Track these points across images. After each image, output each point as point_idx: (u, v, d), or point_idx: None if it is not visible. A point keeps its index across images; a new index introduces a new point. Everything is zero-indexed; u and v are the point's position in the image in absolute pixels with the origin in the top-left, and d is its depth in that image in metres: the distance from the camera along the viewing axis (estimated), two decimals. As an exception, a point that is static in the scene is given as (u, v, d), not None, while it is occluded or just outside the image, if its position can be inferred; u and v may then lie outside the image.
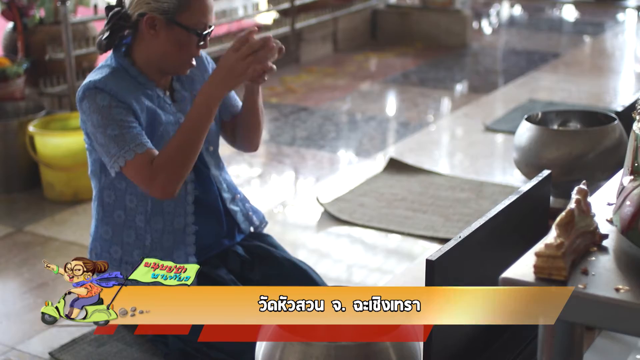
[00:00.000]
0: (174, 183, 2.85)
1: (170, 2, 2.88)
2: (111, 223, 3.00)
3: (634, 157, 2.10)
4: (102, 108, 2.85)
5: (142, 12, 2.89)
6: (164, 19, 2.89)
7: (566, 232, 1.95)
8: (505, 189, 4.84)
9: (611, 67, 8.02)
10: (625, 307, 1.86)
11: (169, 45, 2.92)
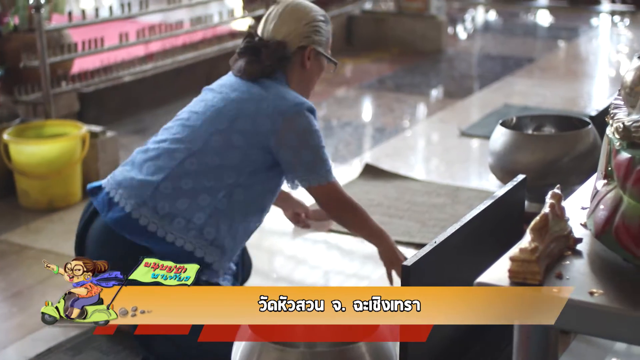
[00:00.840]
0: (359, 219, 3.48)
1: (325, 37, 3.48)
2: (227, 215, 3.28)
3: (607, 161, 2.11)
4: (316, 131, 3.34)
5: (303, 45, 3.42)
6: (321, 50, 3.47)
7: (540, 237, 1.95)
8: (480, 193, 4.85)
9: (585, 72, 8.06)
10: (600, 311, 1.87)
11: (315, 73, 3.50)
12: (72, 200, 4.88)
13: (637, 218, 1.98)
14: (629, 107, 2.08)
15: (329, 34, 3.52)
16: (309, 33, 3.44)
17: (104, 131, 5.16)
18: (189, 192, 3.26)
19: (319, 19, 3.48)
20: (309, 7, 3.50)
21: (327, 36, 3.50)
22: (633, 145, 2.01)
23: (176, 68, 6.78)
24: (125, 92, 6.46)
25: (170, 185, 3.27)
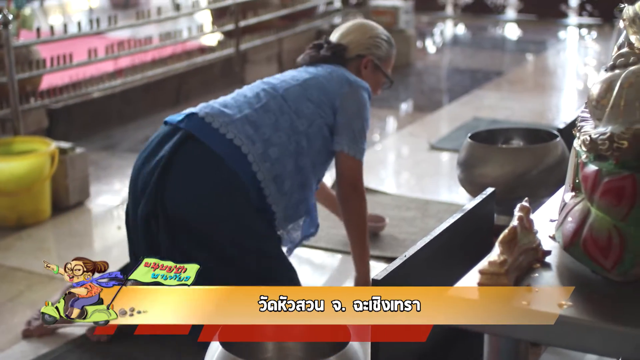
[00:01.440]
0: (357, 206, 3.78)
1: (383, 52, 3.94)
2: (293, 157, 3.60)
3: (575, 173, 2.13)
4: (368, 111, 3.79)
5: (362, 54, 3.91)
6: (379, 63, 3.92)
7: (509, 249, 1.96)
8: (450, 207, 4.87)
9: (553, 85, 8.11)
10: (569, 323, 1.88)
11: (371, 83, 3.89)
12: (42, 217, 4.85)
13: (605, 230, 1.99)
14: (596, 120, 2.10)
15: (389, 54, 3.98)
16: (370, 45, 3.93)
17: (73, 147, 5.14)
18: (270, 124, 3.58)
19: (382, 38, 3.96)
20: (376, 26, 4.00)
21: (387, 54, 3.96)
22: (600, 158, 2.03)
23: (145, 83, 6.77)
24: (95, 108, 6.44)
25: (255, 114, 3.59)
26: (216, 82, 7.49)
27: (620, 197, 1.98)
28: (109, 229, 4.80)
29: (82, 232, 4.82)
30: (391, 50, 4.00)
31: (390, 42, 4.00)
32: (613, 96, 2.03)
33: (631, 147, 1.97)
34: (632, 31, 2.17)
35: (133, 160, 5.70)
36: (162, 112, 6.88)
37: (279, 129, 3.58)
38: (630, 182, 1.97)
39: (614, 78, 2.06)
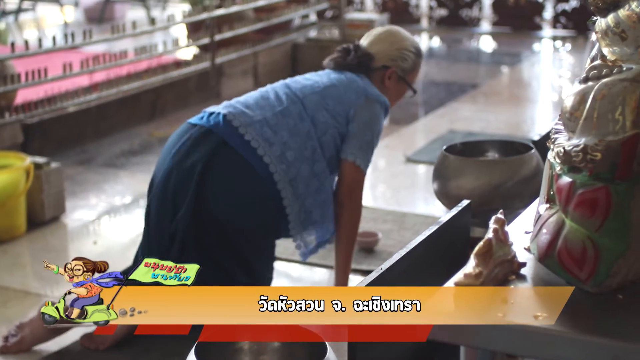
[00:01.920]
0: (353, 214, 3.89)
1: (409, 63, 4.02)
2: (308, 162, 3.74)
3: (549, 185, 2.14)
4: (381, 125, 3.95)
5: (387, 65, 3.98)
6: (400, 74, 4.00)
7: (484, 262, 1.97)
8: (427, 219, 4.88)
9: (528, 97, 8.15)
10: (545, 334, 1.88)
11: (393, 93, 4.03)
12: (17, 233, 4.83)
13: (579, 241, 2.00)
14: (569, 131, 2.11)
15: (416, 66, 4.06)
16: (396, 57, 4.00)
17: (48, 162, 5.13)
18: (289, 129, 3.72)
19: (410, 49, 4.03)
20: (405, 36, 4.07)
21: (413, 66, 4.04)
22: (574, 170, 2.04)
23: (121, 98, 6.76)
24: (70, 122, 6.42)
25: (275, 118, 3.72)
26: (192, 96, 7.48)
27: (594, 208, 1.99)
28: (85, 243, 4.78)
29: (58, 247, 4.80)
30: (418, 61, 4.09)
31: (418, 54, 4.08)
32: (586, 108, 2.05)
33: (604, 158, 1.98)
34: (604, 44, 2.18)
35: (109, 175, 5.72)
36: (137, 126, 6.87)
37: (296, 134, 3.72)
38: (603, 193, 1.98)
39: (587, 90, 2.07)
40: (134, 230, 4.85)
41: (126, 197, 5.42)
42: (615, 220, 1.99)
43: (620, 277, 2.03)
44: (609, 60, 2.13)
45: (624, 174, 1.99)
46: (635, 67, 2.06)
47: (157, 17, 10.08)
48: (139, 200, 5.37)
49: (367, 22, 8.72)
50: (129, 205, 5.32)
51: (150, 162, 6.04)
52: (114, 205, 5.29)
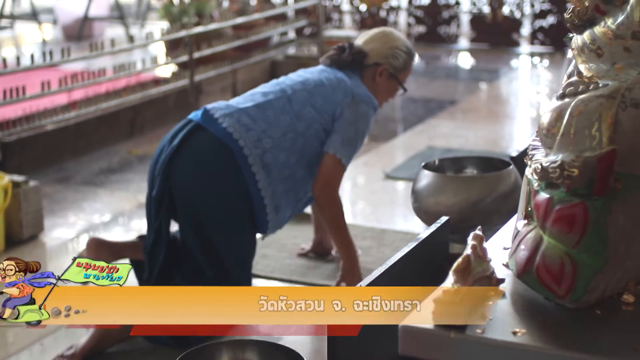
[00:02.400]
0: (329, 205, 4.09)
1: (399, 62, 4.23)
2: (287, 151, 3.98)
3: (527, 201, 2.15)
4: (367, 125, 4.10)
5: (379, 63, 4.21)
6: (390, 72, 4.21)
7: (463, 278, 1.97)
8: (406, 235, 4.88)
9: (507, 113, 8.18)
10: (523, 350, 1.89)
11: (385, 90, 4.25)
12: (-5, 251, 4.82)
13: (557, 257, 2.01)
14: (547, 148, 2.12)
15: (407, 64, 4.27)
16: (388, 55, 4.22)
17: (26, 181, 5.11)
18: (268, 120, 3.96)
19: (401, 48, 4.25)
20: (397, 36, 4.29)
21: (404, 65, 4.25)
22: (551, 186, 2.05)
23: (99, 116, 6.75)
24: (48, 140, 6.40)
25: (255, 109, 3.97)
26: (171, 114, 7.48)
27: (572, 224, 2.00)
28: (64, 262, 4.76)
29: (36, 266, 4.77)
30: (410, 60, 4.29)
31: (409, 54, 4.28)
32: (563, 125, 2.06)
33: (581, 175, 1.99)
34: (581, 60, 2.20)
35: (88, 193, 5.71)
36: (116, 144, 6.86)
37: (275, 125, 3.96)
38: (581, 209, 1.99)
39: (564, 107, 2.08)
40: (113, 249, 4.84)
41: (105, 215, 5.41)
42: (592, 236, 2.00)
43: (598, 293, 2.04)
44: (586, 77, 2.15)
45: (601, 190, 2.00)
46: (611, 84, 2.07)
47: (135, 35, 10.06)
48: (118, 218, 5.35)
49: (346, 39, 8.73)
50: (108, 223, 5.30)
51: (129, 180, 6.03)
52: (93, 224, 5.27)
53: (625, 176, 2.04)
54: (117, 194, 5.77)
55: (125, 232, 5.15)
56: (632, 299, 2.09)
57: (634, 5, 2.07)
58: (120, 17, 11.67)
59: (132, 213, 5.42)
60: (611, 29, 2.10)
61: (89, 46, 6.60)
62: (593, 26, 2.16)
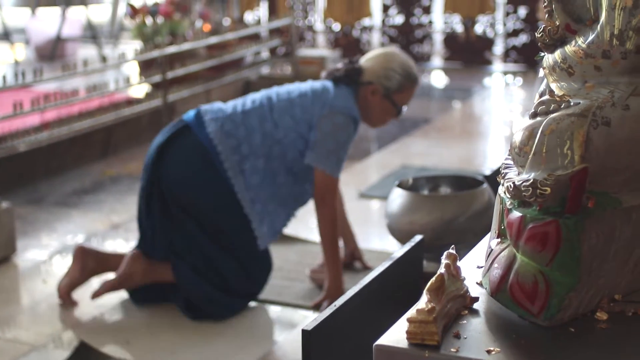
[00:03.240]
0: (328, 216, 4.27)
1: (393, 83, 4.31)
2: (270, 171, 4.25)
3: (500, 220, 2.15)
4: (348, 135, 4.24)
5: (371, 82, 4.31)
6: (383, 92, 4.31)
7: (437, 297, 1.97)
8: (381, 254, 4.89)
9: (480, 131, 8.22)
10: (497, 369, 1.89)
11: (379, 110, 4.35)
12: (-33, 274, 4.79)
13: (531, 275, 2.01)
14: (519, 166, 2.13)
15: (402, 87, 4.34)
16: (381, 75, 4.31)
17: (-1, 202, 5.09)
18: (250, 126, 4.21)
19: (396, 70, 4.33)
20: (398, 58, 4.39)
21: (398, 87, 4.32)
22: (524, 204, 2.06)
23: (72, 136, 6.72)
24: (21, 161, 6.37)
25: (241, 115, 4.25)
26: (144, 134, 7.47)
27: (545, 242, 2.00)
28: (36, 283, 4.74)
29: (9, 287, 4.75)
30: (406, 83, 4.36)
31: (406, 76, 4.35)
32: (535, 143, 2.07)
33: (554, 193, 2.00)
34: (552, 79, 2.21)
35: (61, 214, 5.69)
36: (89, 164, 6.84)
37: (256, 132, 4.20)
38: (554, 227, 2.00)
39: (536, 125, 2.09)
40: (86, 270, 4.81)
41: (78, 236, 5.38)
42: (565, 254, 2.01)
43: (572, 310, 2.05)
44: (557, 96, 2.16)
45: (574, 208, 2.01)
46: (582, 102, 2.08)
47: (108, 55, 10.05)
48: (91, 239, 5.33)
49: (319, 58, 8.78)
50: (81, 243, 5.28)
51: (102, 200, 6.01)
52: (66, 245, 5.25)
53: (598, 194, 2.05)
54: (90, 215, 5.75)
55: (99, 253, 5.13)
56: (605, 317, 2.09)
57: (604, 24, 2.08)
58: (92, 37, 11.65)
59: (106, 234, 5.40)
60: (582, 47, 2.12)
61: (61, 66, 6.58)
62: (564, 45, 2.18)
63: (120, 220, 5.60)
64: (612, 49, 2.08)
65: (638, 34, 2.06)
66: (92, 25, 11.61)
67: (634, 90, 2.09)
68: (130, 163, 6.92)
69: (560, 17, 2.19)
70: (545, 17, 2.25)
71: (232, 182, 4.19)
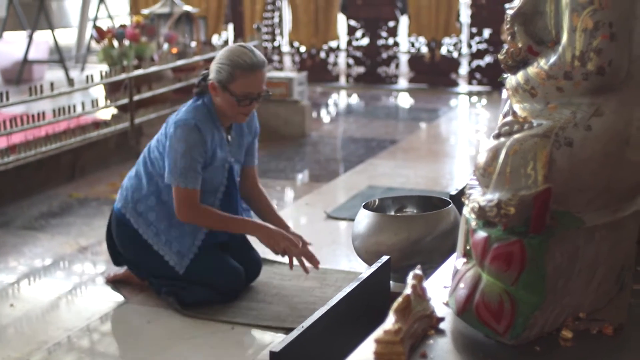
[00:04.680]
0: (197, 224, 4.46)
1: (223, 75, 4.37)
2: (157, 198, 4.52)
3: (466, 240, 2.17)
4: (189, 144, 4.33)
5: (210, 79, 4.43)
6: (220, 85, 4.38)
7: (404, 317, 1.99)
8: (349, 275, 4.89)
9: (446, 152, 8.25)
10: (464, 388, 1.91)
11: (224, 103, 4.41)
12: None
13: (496, 295, 2.04)
14: (484, 187, 2.15)
15: (234, 76, 4.35)
16: (213, 70, 4.42)
17: (-35, 226, 5.05)
18: (138, 172, 4.59)
19: (223, 62, 4.38)
20: (228, 51, 4.42)
21: (230, 77, 4.35)
22: (489, 224, 2.08)
23: (39, 159, 6.70)
24: (-13, 185, 6.34)
25: (135, 165, 4.66)
26: (112, 156, 7.45)
27: (509, 262, 2.02)
28: (4, 307, 4.71)
29: (-24, 312, 4.72)
30: (235, 72, 4.36)
31: (234, 66, 4.36)
32: (499, 164, 2.09)
33: (518, 213, 2.02)
34: (515, 100, 2.24)
35: (28, 237, 5.67)
36: (56, 187, 6.81)
37: (142, 176, 4.55)
38: (518, 247, 2.02)
39: (500, 146, 2.12)
40: (53, 293, 4.80)
41: (46, 260, 5.36)
42: (530, 274, 2.03)
43: (537, 329, 2.07)
44: (520, 117, 2.18)
45: (538, 228, 2.03)
46: (545, 123, 2.11)
47: (75, 78, 10.04)
48: (59, 262, 5.31)
49: (286, 80, 8.79)
50: (49, 267, 5.25)
51: (70, 223, 5.99)
52: (33, 268, 5.22)
53: (561, 214, 2.08)
54: (58, 238, 5.72)
55: (67, 276, 5.11)
56: (570, 335, 2.12)
57: (566, 46, 2.12)
58: (59, 61, 11.61)
59: (73, 257, 5.38)
60: (544, 69, 2.15)
61: (28, 89, 6.56)
62: (526, 67, 2.21)
63: (88, 243, 5.57)
64: (574, 70, 2.11)
65: (599, 55, 2.09)
66: (58, 48, 11.58)
67: (596, 111, 2.12)
68: (98, 186, 6.90)
69: (523, 39, 2.23)
70: (508, 39, 2.28)
71: (135, 227, 4.54)
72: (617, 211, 2.21)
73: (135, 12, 11.74)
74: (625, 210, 2.24)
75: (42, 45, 12.11)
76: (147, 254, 4.56)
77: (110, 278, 4.89)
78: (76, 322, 4.41)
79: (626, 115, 2.13)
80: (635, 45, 2.15)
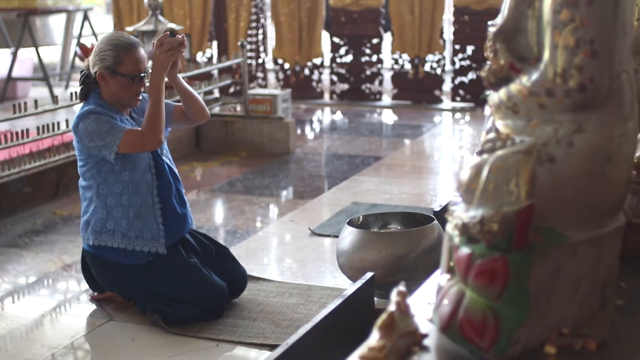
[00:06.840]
0: (158, 131, 4.46)
1: (109, 60, 4.45)
2: (105, 207, 4.55)
3: (449, 256, 2.18)
4: (94, 119, 4.39)
5: (96, 71, 4.48)
6: (109, 72, 4.46)
7: (387, 334, 1.99)
8: (333, 291, 4.89)
9: (430, 168, 8.27)
10: (448, 404, 1.91)
11: (117, 88, 4.49)
12: None
13: (480, 311, 2.04)
14: (467, 203, 2.16)
15: (121, 57, 4.47)
16: (96, 62, 4.50)
17: (-52, 244, 5.04)
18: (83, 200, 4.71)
19: (104, 49, 4.48)
20: (103, 39, 4.55)
21: (117, 60, 4.47)
22: (472, 241, 2.09)
23: (23, 177, 6.68)
24: (-29, 203, 6.32)
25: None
26: (95, 174, 7.43)
27: (493, 278, 2.03)
28: (-13, 326, 4.70)
29: (-41, 330, 4.70)
30: (120, 51, 4.48)
31: (116, 47, 4.49)
32: (482, 180, 2.10)
33: (501, 229, 2.03)
34: (498, 117, 2.25)
35: (11, 255, 5.65)
36: (40, 205, 6.80)
37: (85, 200, 4.67)
38: (501, 263, 2.03)
39: (482, 163, 2.13)
40: (38, 311, 4.78)
41: (30, 278, 5.35)
42: (513, 290, 2.04)
43: (521, 345, 2.08)
44: (503, 133, 2.20)
45: (521, 244, 2.04)
46: (527, 140, 2.13)
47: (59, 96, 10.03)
48: (43, 280, 5.30)
49: (270, 97, 8.81)
50: (33, 285, 5.24)
51: (54, 241, 5.98)
52: (17, 286, 5.21)
53: (544, 229, 2.09)
54: (42, 256, 5.71)
55: (51, 294, 5.10)
56: (554, 350, 2.13)
57: (548, 63, 2.13)
58: (44, 78, 11.60)
59: (57, 274, 5.37)
60: (526, 86, 2.16)
61: (12, 107, 6.56)
62: (509, 84, 2.22)
63: (72, 261, 5.56)
64: (556, 87, 2.12)
65: (580, 72, 2.10)
66: (43, 65, 11.56)
67: (578, 128, 2.13)
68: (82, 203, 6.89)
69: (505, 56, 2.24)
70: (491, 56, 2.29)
71: (108, 254, 4.61)
72: (599, 227, 2.22)
73: (120, 29, 11.74)
74: (608, 226, 2.25)
75: (26, 62, 12.10)
76: (127, 281, 4.63)
77: (94, 296, 4.89)
78: (60, 340, 4.40)
79: (608, 132, 2.15)
80: (617, 62, 2.16)
